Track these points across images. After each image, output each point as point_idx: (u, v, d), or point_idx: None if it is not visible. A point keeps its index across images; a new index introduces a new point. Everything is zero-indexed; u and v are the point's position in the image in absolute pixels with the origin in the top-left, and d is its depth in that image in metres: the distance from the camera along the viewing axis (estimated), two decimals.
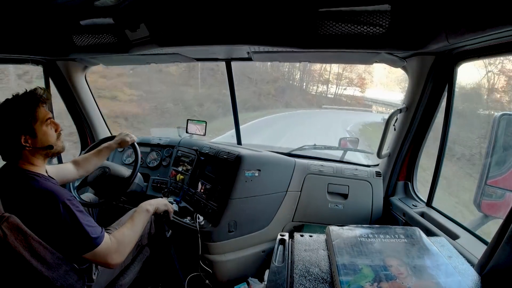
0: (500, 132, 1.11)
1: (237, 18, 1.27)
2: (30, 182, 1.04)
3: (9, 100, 1.09)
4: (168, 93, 12.10)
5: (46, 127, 1.12)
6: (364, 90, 24.69)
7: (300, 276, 0.71)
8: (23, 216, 0.94)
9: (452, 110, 1.37)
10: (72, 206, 1.02)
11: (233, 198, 1.63)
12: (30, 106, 1.09)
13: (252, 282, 1.70)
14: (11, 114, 1.05)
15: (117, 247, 1.10)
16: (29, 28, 1.54)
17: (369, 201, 1.72)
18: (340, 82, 24.60)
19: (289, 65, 21.09)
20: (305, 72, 24.22)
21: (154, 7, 1.31)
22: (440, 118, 1.45)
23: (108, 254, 1.07)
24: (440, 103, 1.45)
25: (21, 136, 1.06)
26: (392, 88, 23.60)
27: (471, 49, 1.17)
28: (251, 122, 12.47)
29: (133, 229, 1.22)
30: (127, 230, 1.19)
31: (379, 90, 25.18)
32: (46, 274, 0.95)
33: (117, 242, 1.11)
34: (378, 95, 24.50)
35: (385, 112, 20.71)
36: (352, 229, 0.83)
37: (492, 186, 1.13)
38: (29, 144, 1.08)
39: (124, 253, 1.13)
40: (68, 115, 2.30)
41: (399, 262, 0.69)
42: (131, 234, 1.19)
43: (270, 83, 20.06)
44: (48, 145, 1.13)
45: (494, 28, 0.86)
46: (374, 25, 1.13)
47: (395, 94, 21.84)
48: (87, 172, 1.55)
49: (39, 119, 1.10)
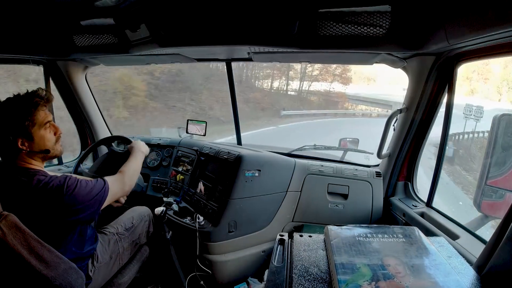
0: (500, 132, 1.10)
1: (238, 19, 1.27)
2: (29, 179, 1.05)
3: (9, 100, 1.08)
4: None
5: (44, 130, 1.12)
6: (342, 84, 16.58)
7: (299, 276, 0.71)
8: (22, 214, 0.94)
9: (452, 111, 1.37)
10: (72, 189, 1.06)
11: (233, 198, 1.63)
12: (29, 109, 1.08)
13: (252, 282, 1.70)
14: (9, 116, 1.05)
15: (121, 178, 1.31)
16: (30, 28, 1.55)
17: (369, 201, 1.71)
18: (308, 74, 15.28)
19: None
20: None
21: (154, 8, 1.32)
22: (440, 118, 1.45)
23: (118, 190, 1.26)
24: (440, 103, 1.45)
25: (17, 139, 1.06)
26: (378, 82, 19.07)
27: (471, 49, 1.16)
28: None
29: (133, 163, 1.44)
30: (126, 164, 1.41)
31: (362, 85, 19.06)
32: (45, 272, 0.95)
33: (119, 175, 1.32)
34: (362, 90, 18.59)
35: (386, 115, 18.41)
36: (350, 228, 0.83)
37: (492, 186, 1.13)
38: (26, 148, 1.08)
39: (130, 177, 1.36)
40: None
41: (397, 262, 0.69)
42: (129, 164, 1.41)
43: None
44: (45, 149, 1.13)
45: (494, 28, 0.86)
46: (374, 25, 1.13)
47: (381, 88, 17.55)
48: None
49: (37, 123, 1.09)
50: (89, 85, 2.25)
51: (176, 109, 9.17)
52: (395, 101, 20.15)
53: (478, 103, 5.47)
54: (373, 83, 20.33)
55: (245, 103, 11.04)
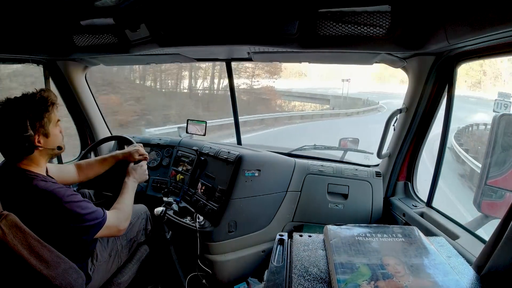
0: (500, 132, 1.10)
1: (238, 19, 1.27)
2: (30, 182, 1.05)
3: (25, 98, 1.09)
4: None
5: (56, 128, 1.17)
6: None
7: (298, 276, 0.71)
8: (22, 215, 0.94)
9: (452, 110, 1.37)
10: (72, 203, 1.05)
11: (233, 198, 1.63)
12: (47, 107, 1.12)
13: (251, 282, 1.70)
14: (28, 112, 1.07)
15: (118, 215, 1.25)
16: (30, 28, 1.54)
17: (369, 201, 1.71)
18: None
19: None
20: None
21: (154, 7, 1.32)
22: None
23: (113, 226, 1.20)
24: (440, 103, 1.45)
25: (35, 136, 1.08)
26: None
27: (471, 49, 1.16)
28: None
29: (126, 198, 1.36)
30: (121, 200, 1.34)
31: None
32: (45, 272, 0.95)
33: (117, 214, 1.25)
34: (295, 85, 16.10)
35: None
36: (350, 228, 0.83)
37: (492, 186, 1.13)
38: (41, 145, 1.11)
39: (126, 216, 1.29)
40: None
41: (396, 261, 0.69)
42: (125, 201, 1.34)
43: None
44: (58, 146, 1.18)
45: (494, 28, 0.86)
46: (374, 25, 1.13)
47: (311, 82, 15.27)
48: (87, 178, 1.54)
49: (52, 121, 1.14)
50: (89, 85, 2.25)
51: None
52: (333, 95, 19.38)
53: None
54: (305, 77, 19.13)
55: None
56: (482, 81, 14.41)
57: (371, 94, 20.91)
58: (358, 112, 16.25)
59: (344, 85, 18.46)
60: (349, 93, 19.25)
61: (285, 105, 15.85)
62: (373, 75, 27.65)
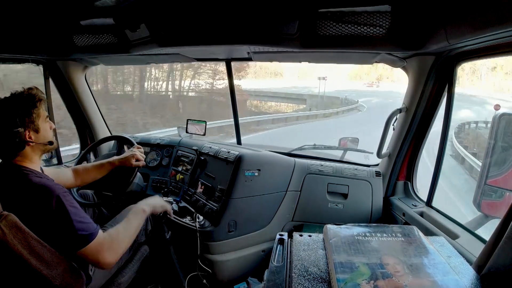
0: (500, 132, 1.11)
1: (237, 18, 1.27)
2: (25, 177, 1.05)
3: (13, 96, 1.11)
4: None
5: (46, 123, 1.17)
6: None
7: (298, 276, 0.71)
8: (20, 214, 0.94)
9: (452, 110, 1.38)
10: (66, 201, 1.02)
11: (233, 198, 1.63)
12: (34, 102, 1.13)
13: (251, 281, 1.70)
14: (16, 109, 1.09)
15: (110, 245, 1.07)
16: (30, 28, 1.54)
17: (369, 201, 1.71)
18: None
19: None
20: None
21: (154, 7, 1.32)
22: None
23: (100, 251, 1.04)
24: (440, 103, 1.45)
25: (25, 131, 1.09)
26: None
27: (471, 49, 1.16)
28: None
29: (128, 228, 1.19)
30: (122, 229, 1.16)
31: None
32: (45, 272, 0.95)
33: (110, 240, 1.08)
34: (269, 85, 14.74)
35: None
36: (349, 227, 0.83)
37: (491, 186, 1.13)
38: (32, 140, 1.11)
39: (117, 252, 1.10)
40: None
41: (396, 261, 0.69)
42: (125, 234, 1.16)
43: None
44: (49, 141, 1.18)
45: (494, 28, 0.86)
46: (374, 25, 1.13)
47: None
48: (83, 183, 1.53)
49: (41, 116, 1.15)
50: (89, 85, 2.25)
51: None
52: (310, 94, 18.70)
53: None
54: (281, 77, 18.36)
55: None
56: (460, 76, 14.71)
57: (349, 92, 20.54)
58: (337, 113, 15.58)
59: (320, 84, 18.04)
60: (326, 92, 18.93)
61: (256, 108, 14.32)
62: (349, 75, 27.25)
